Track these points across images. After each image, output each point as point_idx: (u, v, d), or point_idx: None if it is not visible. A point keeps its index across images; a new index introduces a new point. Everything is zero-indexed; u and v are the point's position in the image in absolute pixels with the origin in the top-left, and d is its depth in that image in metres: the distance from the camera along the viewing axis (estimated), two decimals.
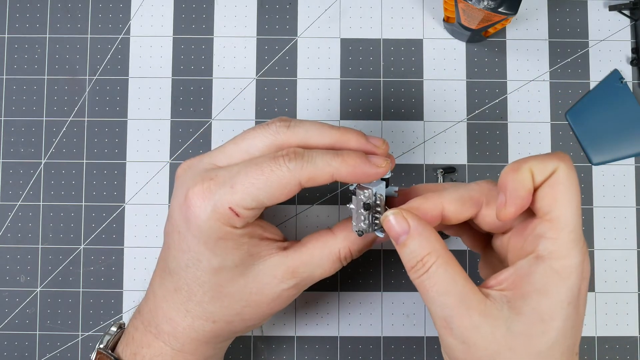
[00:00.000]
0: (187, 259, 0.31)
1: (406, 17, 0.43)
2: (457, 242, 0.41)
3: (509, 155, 0.42)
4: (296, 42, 0.43)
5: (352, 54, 0.42)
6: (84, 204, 0.42)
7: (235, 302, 0.31)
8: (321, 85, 0.42)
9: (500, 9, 0.34)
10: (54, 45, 0.43)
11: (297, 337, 0.41)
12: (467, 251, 0.41)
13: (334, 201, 0.42)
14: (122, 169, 0.42)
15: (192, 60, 0.43)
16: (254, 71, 0.42)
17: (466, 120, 0.42)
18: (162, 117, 0.42)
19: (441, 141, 0.42)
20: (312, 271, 0.32)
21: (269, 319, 0.38)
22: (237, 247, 0.31)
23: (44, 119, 0.42)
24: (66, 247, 0.41)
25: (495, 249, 0.32)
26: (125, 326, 0.35)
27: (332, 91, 0.42)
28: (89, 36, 0.43)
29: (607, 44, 0.42)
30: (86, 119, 0.42)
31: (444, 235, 0.41)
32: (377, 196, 0.31)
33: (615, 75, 0.42)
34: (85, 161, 0.42)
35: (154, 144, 0.42)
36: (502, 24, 0.39)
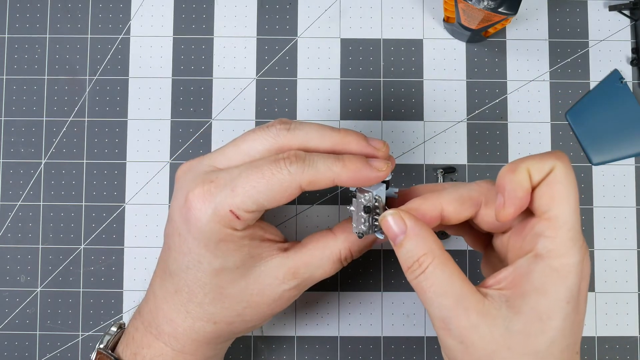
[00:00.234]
0: (187, 261, 0.31)
1: (406, 17, 0.43)
2: (457, 242, 0.41)
3: (509, 155, 0.42)
4: (296, 42, 0.43)
5: (352, 54, 0.42)
6: (84, 204, 0.42)
7: (236, 303, 0.31)
8: (321, 85, 0.42)
9: (500, 9, 0.34)
10: (54, 45, 0.43)
11: (297, 337, 0.41)
12: (467, 251, 0.41)
13: (334, 201, 0.42)
14: (122, 169, 0.42)
15: (192, 60, 0.43)
16: (254, 71, 0.42)
17: (466, 120, 0.42)
18: (162, 117, 0.42)
19: (441, 141, 0.42)
20: (313, 272, 0.32)
21: (270, 320, 0.38)
22: (238, 249, 0.31)
23: (44, 119, 0.42)
24: (66, 247, 0.41)
25: (495, 249, 0.32)
26: (125, 326, 0.35)
27: (332, 91, 0.42)
28: (89, 36, 0.43)
29: (607, 44, 0.42)
30: (86, 119, 0.42)
31: (444, 235, 0.41)
32: (377, 198, 0.31)
33: (615, 75, 0.42)
34: (85, 161, 0.42)
35: (154, 144, 0.42)
36: (502, 24, 0.39)
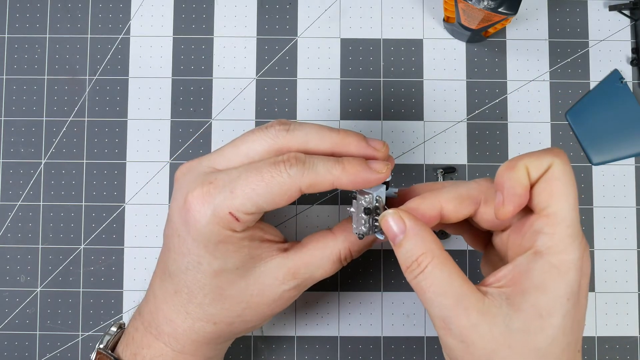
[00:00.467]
0: (187, 262, 0.31)
1: (406, 17, 0.43)
2: (457, 242, 0.41)
3: (509, 155, 0.42)
4: (296, 42, 0.43)
5: (352, 54, 0.42)
6: (84, 204, 0.42)
7: (236, 304, 0.31)
8: (321, 85, 0.42)
9: (500, 9, 0.34)
10: (54, 45, 0.43)
11: (297, 337, 0.41)
12: (467, 251, 0.41)
13: (334, 201, 0.42)
14: (122, 169, 0.42)
15: (192, 60, 0.43)
16: (254, 71, 0.42)
17: (466, 120, 0.42)
18: (162, 117, 0.42)
19: (441, 141, 0.42)
20: (313, 272, 0.32)
21: (270, 320, 0.38)
22: (238, 250, 0.31)
23: (44, 119, 0.42)
24: (66, 247, 0.41)
25: (495, 247, 0.32)
26: (125, 326, 0.35)
27: (332, 91, 0.42)
28: (89, 36, 0.43)
29: (607, 44, 0.42)
30: (86, 119, 0.42)
31: (444, 234, 0.41)
32: (378, 199, 0.31)
33: (615, 75, 0.42)
34: (85, 161, 0.42)
35: (154, 144, 0.42)
36: (502, 24, 0.39)
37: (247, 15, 0.43)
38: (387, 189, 0.31)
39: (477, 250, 0.34)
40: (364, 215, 0.30)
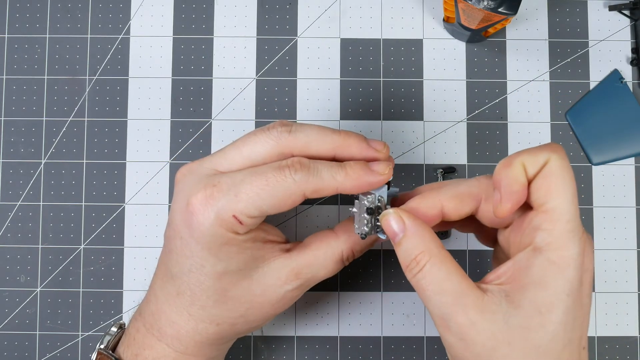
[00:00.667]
0: (190, 265, 0.31)
1: (406, 17, 0.43)
2: (457, 241, 0.41)
3: (509, 155, 0.42)
4: (296, 42, 0.43)
5: (352, 54, 0.42)
6: (84, 204, 0.42)
7: (239, 305, 0.32)
8: (321, 85, 0.42)
9: (500, 9, 0.34)
10: (54, 45, 0.43)
11: (297, 337, 0.41)
12: (467, 251, 0.41)
13: (334, 201, 0.42)
14: (122, 169, 0.42)
15: (192, 60, 0.43)
16: (254, 71, 0.42)
17: (466, 120, 0.42)
18: (162, 117, 0.42)
19: (441, 141, 0.42)
20: (316, 272, 0.32)
21: (272, 319, 0.38)
22: (241, 252, 0.31)
23: (44, 119, 0.42)
24: (66, 247, 0.41)
25: (500, 244, 0.32)
26: (125, 327, 0.35)
27: (332, 91, 0.42)
28: (89, 36, 0.43)
29: (607, 44, 0.42)
30: (86, 119, 0.42)
31: (445, 234, 0.41)
32: (380, 199, 0.31)
33: (615, 75, 0.42)
34: (85, 161, 0.42)
35: (154, 144, 0.42)
36: (502, 24, 0.39)
37: (247, 15, 0.43)
38: (388, 188, 0.32)
39: (488, 246, 0.34)
40: (366, 215, 0.30)
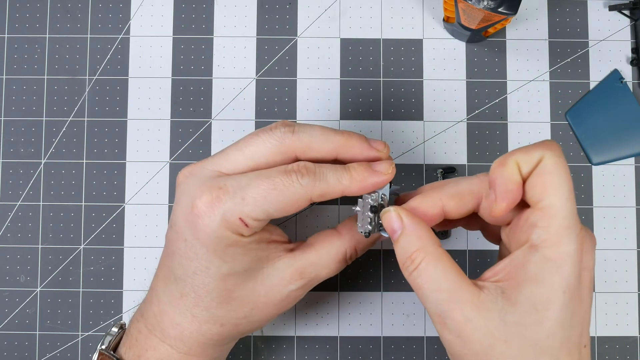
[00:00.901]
0: (194, 267, 0.31)
1: (406, 17, 0.43)
2: (457, 242, 0.41)
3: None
4: (296, 42, 0.43)
5: (352, 54, 0.42)
6: (84, 204, 0.42)
7: (243, 306, 0.32)
8: (321, 85, 0.42)
9: (500, 9, 0.34)
10: (54, 45, 0.43)
11: (297, 337, 0.41)
12: (467, 251, 0.41)
13: (334, 201, 0.42)
14: (122, 169, 0.42)
15: (192, 60, 0.43)
16: (254, 71, 0.42)
17: (466, 120, 0.42)
18: (162, 117, 0.42)
19: (441, 141, 0.42)
20: (319, 271, 0.33)
21: (275, 319, 0.38)
22: (246, 253, 0.31)
23: (44, 119, 0.42)
24: (66, 247, 0.41)
25: (503, 241, 0.32)
26: (126, 327, 0.35)
27: (332, 91, 0.42)
28: (89, 36, 0.43)
29: (607, 44, 0.42)
30: (86, 119, 0.42)
31: (445, 234, 0.41)
32: (383, 197, 0.31)
33: (615, 75, 0.42)
34: (85, 161, 0.42)
35: (154, 144, 0.42)
36: (502, 24, 0.39)
37: (247, 15, 0.43)
38: (390, 186, 0.32)
39: (494, 243, 0.34)
40: (370, 213, 0.31)
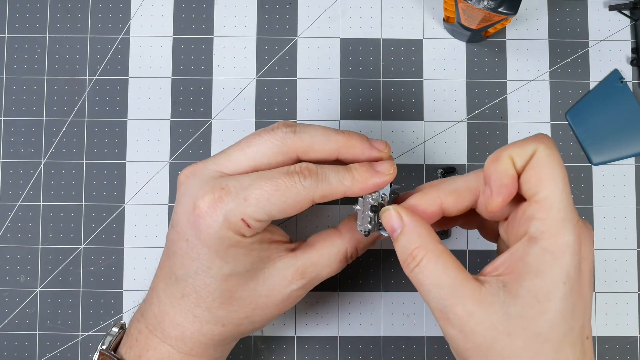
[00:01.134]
0: (196, 267, 0.31)
1: (406, 17, 0.43)
2: (457, 241, 0.41)
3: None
4: (296, 42, 0.43)
5: (352, 54, 0.42)
6: (84, 204, 0.42)
7: (245, 306, 0.32)
8: (321, 85, 0.42)
9: (500, 9, 0.34)
10: (54, 45, 0.43)
11: (297, 337, 0.41)
12: (467, 251, 0.41)
13: (334, 201, 0.42)
14: (122, 169, 0.42)
15: (192, 60, 0.43)
16: (254, 71, 0.42)
17: (466, 120, 0.42)
18: (162, 117, 0.42)
19: (441, 141, 0.42)
20: (320, 271, 0.33)
21: (275, 319, 0.38)
22: (248, 253, 0.31)
23: (44, 119, 0.42)
24: (66, 247, 0.41)
25: (501, 237, 0.32)
26: (126, 327, 0.35)
27: (332, 91, 0.42)
28: (89, 36, 0.43)
29: (607, 44, 0.42)
30: (86, 119, 0.42)
31: (445, 233, 0.41)
32: (384, 196, 0.31)
33: (615, 75, 0.42)
34: (85, 161, 0.42)
35: (154, 144, 0.42)
36: (502, 24, 0.39)
37: (247, 15, 0.43)
38: (390, 186, 0.32)
39: (491, 241, 0.34)
40: (370, 212, 0.31)
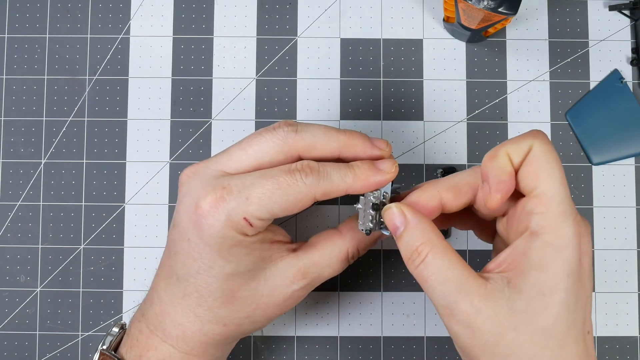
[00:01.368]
0: (198, 266, 0.31)
1: (406, 17, 0.43)
2: (458, 241, 0.41)
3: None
4: (296, 42, 0.43)
5: (352, 54, 0.42)
6: (84, 204, 0.42)
7: (246, 306, 0.32)
8: (321, 85, 0.42)
9: (500, 9, 0.34)
10: (54, 45, 0.43)
11: (297, 337, 0.41)
12: (467, 251, 0.41)
13: (334, 201, 0.42)
14: (122, 169, 0.42)
15: (192, 60, 0.43)
16: (254, 71, 0.42)
17: (466, 120, 0.42)
18: (162, 117, 0.42)
19: (441, 141, 0.42)
20: (322, 271, 0.33)
21: (277, 319, 0.38)
22: (250, 253, 0.31)
23: (44, 119, 0.42)
24: (66, 247, 0.41)
25: (500, 234, 0.32)
26: (126, 327, 0.35)
27: (332, 91, 0.42)
28: (89, 36, 0.43)
29: (607, 44, 0.42)
30: (86, 119, 0.42)
31: (445, 234, 0.41)
32: (385, 195, 0.31)
33: (615, 75, 0.42)
34: (85, 161, 0.42)
35: (154, 144, 0.42)
36: (502, 24, 0.39)
37: (247, 15, 0.43)
38: (391, 185, 0.32)
39: (486, 242, 0.34)
40: (371, 211, 0.31)
